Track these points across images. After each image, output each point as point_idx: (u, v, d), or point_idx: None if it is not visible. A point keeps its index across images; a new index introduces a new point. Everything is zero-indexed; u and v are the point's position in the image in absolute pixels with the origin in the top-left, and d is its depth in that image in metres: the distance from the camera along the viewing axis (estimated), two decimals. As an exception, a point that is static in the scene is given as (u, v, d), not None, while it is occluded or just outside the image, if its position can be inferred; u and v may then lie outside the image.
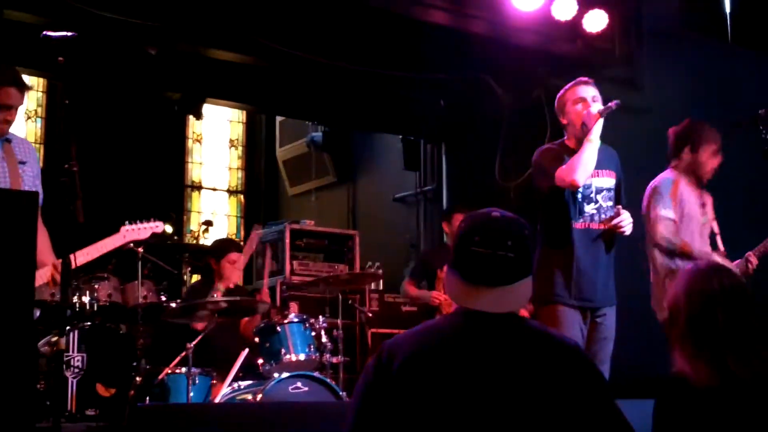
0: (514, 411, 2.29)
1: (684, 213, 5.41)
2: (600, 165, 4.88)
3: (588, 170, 4.79)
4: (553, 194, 4.87)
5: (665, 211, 5.38)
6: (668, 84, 8.13)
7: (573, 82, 5.08)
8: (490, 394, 2.29)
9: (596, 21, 7.50)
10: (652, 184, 5.55)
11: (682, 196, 5.44)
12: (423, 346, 2.38)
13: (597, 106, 4.93)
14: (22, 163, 4.37)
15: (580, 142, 4.89)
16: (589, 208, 4.87)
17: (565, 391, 2.33)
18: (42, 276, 4.29)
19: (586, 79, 5.08)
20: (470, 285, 2.42)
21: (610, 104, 4.85)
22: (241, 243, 12.14)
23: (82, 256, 4.41)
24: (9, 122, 4.32)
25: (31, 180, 4.39)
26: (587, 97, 4.98)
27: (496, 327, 2.40)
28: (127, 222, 4.81)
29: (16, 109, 4.33)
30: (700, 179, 5.55)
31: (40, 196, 4.43)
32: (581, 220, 4.84)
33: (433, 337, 2.42)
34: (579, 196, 4.83)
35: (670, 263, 5.37)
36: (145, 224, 4.86)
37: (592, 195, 4.90)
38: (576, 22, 7.47)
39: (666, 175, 5.56)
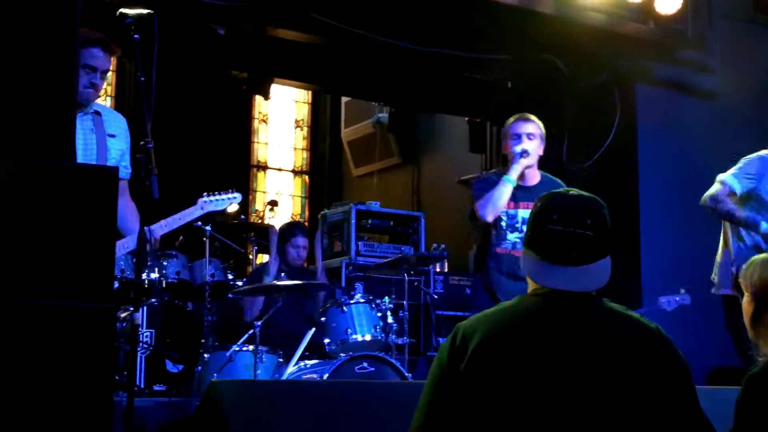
0: (595, 394, 2.25)
1: (761, 198, 5.29)
2: (532, 198, 4.91)
3: (497, 208, 5.08)
4: (478, 220, 5.18)
5: (730, 179, 5.30)
6: (740, 67, 7.99)
7: (516, 117, 5.33)
8: (570, 376, 2.25)
9: (669, 2, 7.37)
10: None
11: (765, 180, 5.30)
12: (500, 327, 2.34)
13: (530, 145, 5.16)
14: (111, 136, 4.32)
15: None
16: (512, 237, 5.15)
17: (646, 373, 2.28)
18: (128, 244, 4.31)
19: (527, 115, 5.32)
20: (548, 264, 2.39)
21: (524, 151, 5.12)
22: (306, 224, 12.26)
23: (159, 228, 4.39)
24: (95, 86, 4.24)
25: (119, 154, 4.38)
26: (522, 134, 5.22)
27: (576, 307, 2.36)
28: (204, 194, 4.77)
29: (104, 73, 4.25)
30: None
31: (129, 171, 4.43)
32: (503, 246, 5.15)
33: (510, 318, 2.38)
34: (503, 224, 5.15)
35: (747, 237, 5.28)
36: (223, 195, 4.81)
37: (518, 225, 5.15)
38: (648, 3, 7.36)
39: (765, 152, 5.41)
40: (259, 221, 11.45)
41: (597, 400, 2.25)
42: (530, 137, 5.20)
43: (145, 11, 3.85)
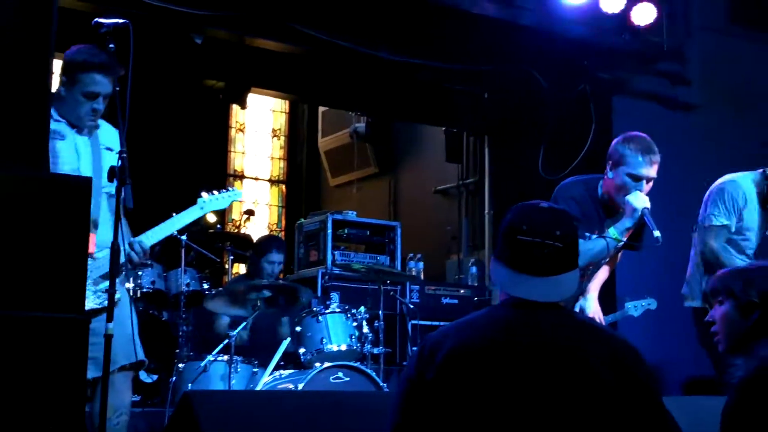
0: (559, 405, 2.26)
1: (744, 224, 5.26)
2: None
3: (586, 263, 4.39)
4: None
5: (724, 221, 5.20)
6: (717, 79, 8.06)
7: (640, 145, 4.43)
8: (538, 387, 2.27)
9: (645, 14, 7.43)
10: (719, 183, 5.31)
11: (746, 209, 5.23)
12: (468, 338, 2.37)
13: (644, 194, 4.35)
14: (109, 149, 4.19)
15: (613, 204, 4.49)
16: None
17: (613, 384, 2.30)
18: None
19: (654, 149, 4.43)
20: (517, 274, 2.41)
21: (646, 210, 4.35)
22: (282, 233, 12.24)
23: (160, 232, 4.22)
24: (97, 112, 4.12)
25: None
26: (645, 178, 4.38)
27: (544, 317, 2.38)
28: (204, 193, 4.46)
29: (105, 97, 4.11)
30: None
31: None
32: None
33: (478, 328, 2.40)
34: None
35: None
36: (223, 193, 4.52)
37: None
38: (624, 15, 7.41)
39: (737, 178, 5.29)
40: (236, 230, 11.41)
41: (565, 410, 2.26)
42: (648, 181, 4.39)
43: (120, 20, 3.82)
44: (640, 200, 4.33)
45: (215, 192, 4.50)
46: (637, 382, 2.34)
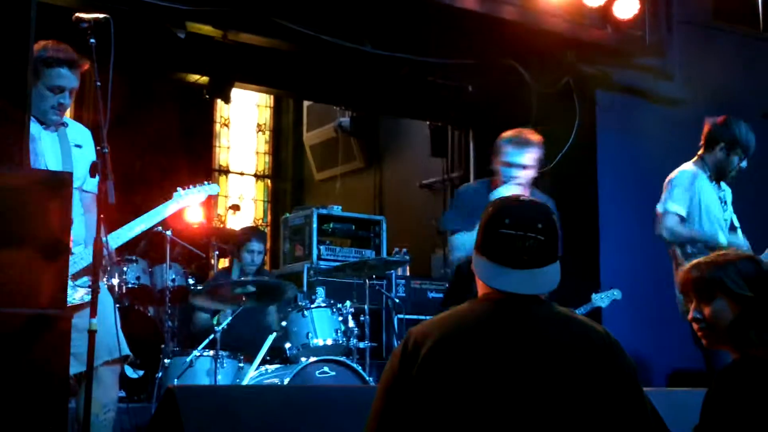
0: (542, 396, 2.28)
1: (703, 210, 5.32)
2: None
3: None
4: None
5: (673, 206, 5.29)
6: (699, 73, 8.07)
7: (514, 137, 4.78)
8: (520, 379, 2.28)
9: (627, 7, 7.43)
10: (669, 176, 5.46)
11: (701, 192, 5.33)
12: (451, 332, 2.38)
13: (523, 177, 4.61)
14: (78, 146, 4.21)
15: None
16: None
17: (594, 376, 2.32)
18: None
19: (528, 138, 4.76)
20: (500, 267, 2.42)
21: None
22: (268, 228, 12.23)
23: (138, 226, 4.25)
24: (63, 106, 4.12)
25: (86, 164, 4.29)
26: (516, 165, 4.69)
27: (526, 310, 2.40)
28: (179, 188, 4.54)
29: (71, 92, 4.13)
30: (722, 177, 5.45)
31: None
32: None
33: (461, 322, 2.41)
34: None
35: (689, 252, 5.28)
36: (199, 187, 4.61)
37: None
38: (606, 9, 7.42)
39: (685, 168, 5.43)
40: (221, 225, 11.40)
41: (547, 401, 2.28)
42: (526, 168, 4.69)
43: (101, 15, 3.80)
44: (508, 189, 4.59)
45: (191, 186, 4.58)
46: (617, 373, 2.36)
